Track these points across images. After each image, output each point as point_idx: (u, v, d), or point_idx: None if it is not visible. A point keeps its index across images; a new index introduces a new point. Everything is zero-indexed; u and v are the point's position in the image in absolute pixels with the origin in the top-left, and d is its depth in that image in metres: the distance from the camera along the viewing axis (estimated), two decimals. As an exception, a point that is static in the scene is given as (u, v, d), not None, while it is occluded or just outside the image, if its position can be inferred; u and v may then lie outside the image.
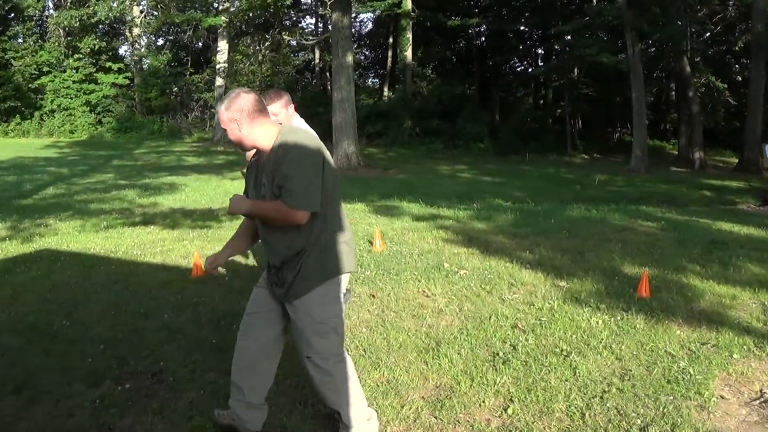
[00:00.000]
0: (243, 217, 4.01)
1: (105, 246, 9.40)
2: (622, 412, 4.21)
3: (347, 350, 4.38)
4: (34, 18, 45.27)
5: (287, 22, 48.17)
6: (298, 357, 3.81)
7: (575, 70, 40.53)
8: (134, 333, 5.77)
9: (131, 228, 10.98)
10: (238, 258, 8.29)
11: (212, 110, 40.48)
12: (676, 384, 4.58)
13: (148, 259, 8.59)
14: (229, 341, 5.31)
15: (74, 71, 42.15)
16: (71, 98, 41.67)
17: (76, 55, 42.14)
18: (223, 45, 39.41)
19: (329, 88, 40.12)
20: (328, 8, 30.03)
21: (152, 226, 11.14)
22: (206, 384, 4.73)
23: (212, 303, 6.55)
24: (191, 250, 8.85)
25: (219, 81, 39.06)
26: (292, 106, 5.20)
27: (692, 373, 4.73)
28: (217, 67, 39.48)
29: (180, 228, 10.96)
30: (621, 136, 46.17)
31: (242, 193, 3.86)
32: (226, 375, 4.19)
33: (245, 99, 3.59)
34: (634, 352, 5.12)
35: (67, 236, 10.28)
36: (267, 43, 45.51)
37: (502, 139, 37.52)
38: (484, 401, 4.41)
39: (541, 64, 47.77)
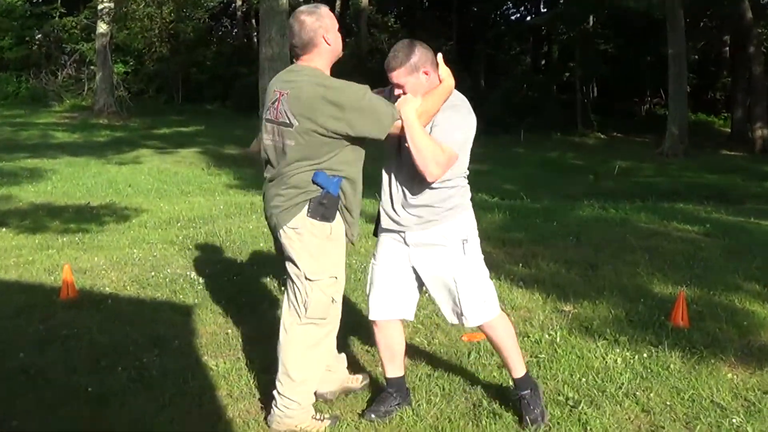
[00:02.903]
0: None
1: (-68, 256, 9.21)
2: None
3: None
4: None
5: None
6: None
7: (590, 18, 40.84)
8: (-27, 379, 5.59)
9: (-29, 231, 10.78)
10: (121, 274, 8.14)
11: (92, 67, 39.93)
12: (727, 448, 4.55)
13: (-2, 274, 8.40)
14: (112, 388, 5.19)
15: None
16: None
17: None
18: (107, -25, 38.59)
19: (255, 41, 39.94)
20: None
21: (3, 229, 10.95)
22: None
23: (89, 335, 6.38)
24: (60, 262, 8.69)
25: (102, 27, 38.20)
26: None
27: (750, 432, 4.73)
28: (99, 7, 38.37)
29: (44, 231, 10.80)
30: (651, 108, 46.83)
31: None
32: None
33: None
34: (668, 403, 5.09)
35: None
36: (169, -24, 45.17)
37: (488, 113, 37.54)
38: (461, 471, 4.35)
39: (543, 10, 48.15)
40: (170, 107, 43.55)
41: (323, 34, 4.43)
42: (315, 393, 4.88)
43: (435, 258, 4.72)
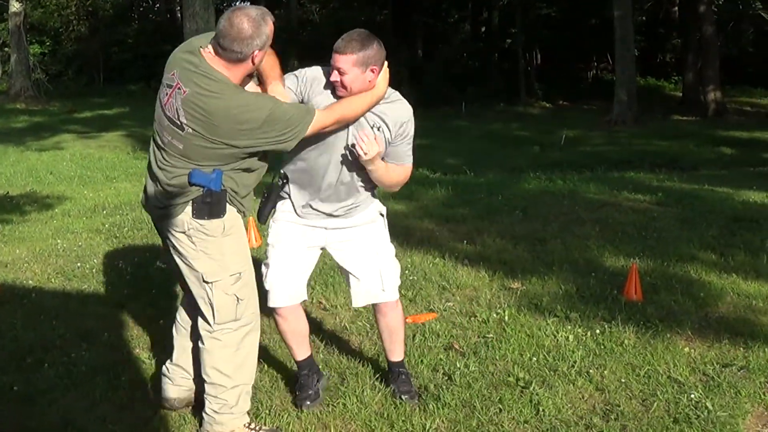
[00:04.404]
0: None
1: None
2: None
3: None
4: None
5: None
6: None
7: (531, -19, 41.00)
8: None
9: None
10: (45, 266, 8.04)
11: (5, 49, 39.33)
12: (687, 425, 4.59)
13: None
14: (39, 386, 5.12)
15: None
16: None
17: None
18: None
19: (179, 16, 39.56)
20: None
21: None
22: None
23: (13, 332, 6.29)
24: (-24, 255, 8.57)
25: (14, 6, 37.53)
26: None
27: (711, 408, 4.73)
28: (11, -16, 38.14)
29: (-42, 224, 10.60)
30: (598, 73, 47.18)
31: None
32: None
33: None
34: (623, 380, 5.13)
35: None
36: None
37: (427, 84, 37.74)
38: (407, 459, 4.35)
39: (481, -27, 48.21)
40: (91, 89, 43.00)
41: (256, 51, 4.11)
42: (163, 397, 4.87)
43: (359, 236, 4.87)
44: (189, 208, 4.28)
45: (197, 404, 4.71)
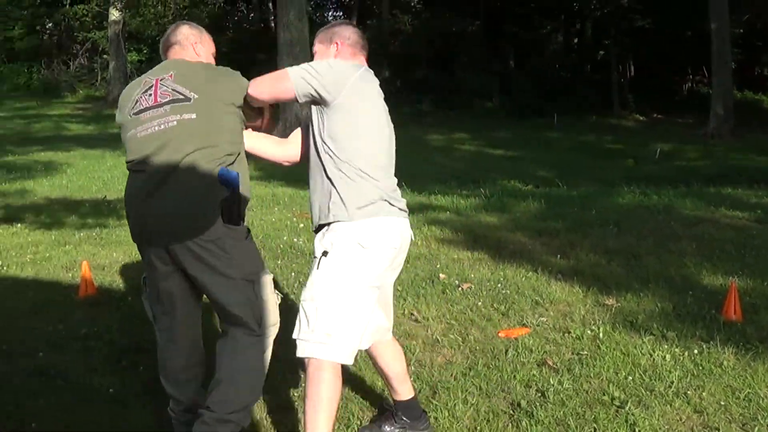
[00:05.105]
0: None
1: (-57, 253, 9.28)
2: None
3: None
4: None
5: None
6: None
7: (625, -9, 40.66)
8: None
9: (-13, 227, 10.86)
10: (141, 270, 8.13)
11: (105, 57, 40.05)
12: (790, 451, 4.48)
13: (13, 272, 8.48)
14: (135, 389, 5.18)
15: None
16: None
17: None
18: (119, -39, 38.61)
19: (272, 25, 39.99)
20: None
21: (19, 225, 11.06)
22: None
23: (109, 335, 6.41)
24: (78, 258, 8.74)
25: (114, 15, 38.52)
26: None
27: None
28: (111, -6, 38.87)
29: (61, 227, 10.89)
30: (694, 86, 46.54)
31: None
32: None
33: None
34: (722, 403, 5.01)
35: None
36: (184, -40, 45.25)
37: (518, 96, 37.67)
38: (499, 477, 4.31)
39: (575, -17, 47.94)
40: (186, 96, 43.23)
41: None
42: None
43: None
44: (219, 214, 4.07)
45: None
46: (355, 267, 3.98)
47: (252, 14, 51.34)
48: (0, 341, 6.30)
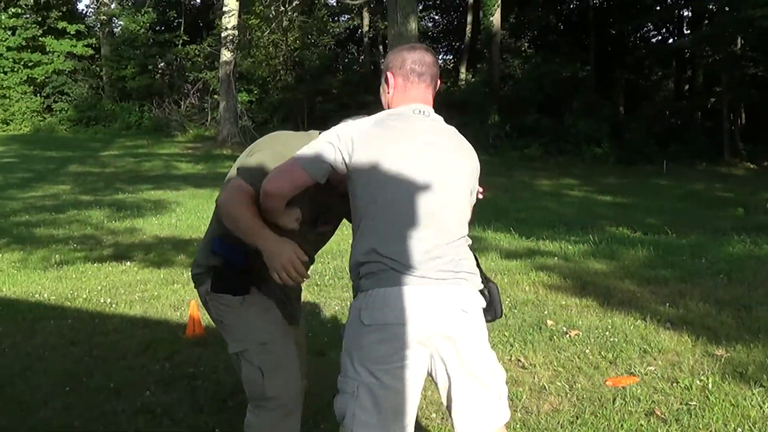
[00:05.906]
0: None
1: (57, 290, 9.48)
2: None
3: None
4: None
5: (325, -27, 48.53)
6: None
7: (738, 39, 40.09)
8: (99, 418, 5.71)
9: (97, 264, 11.09)
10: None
11: (215, 96, 40.73)
12: None
13: (122, 309, 8.61)
14: (240, 429, 5.29)
15: (9, 33, 42.25)
16: (4, 73, 41.91)
17: (12, 9, 42.12)
18: (231, 2, 39.23)
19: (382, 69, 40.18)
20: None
21: (128, 263, 11.25)
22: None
23: (215, 375, 6.53)
24: (186, 297, 8.87)
25: (226, 55, 39.03)
26: None
27: None
28: (223, 35, 39.42)
29: (170, 266, 11.06)
30: (807, 135, 45.54)
31: None
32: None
33: None
34: (832, 456, 4.96)
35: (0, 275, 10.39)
36: (296, 2, 45.80)
37: (628, 142, 37.28)
38: None
39: (687, 31, 47.43)
40: (293, 136, 43.56)
41: None
42: None
43: None
44: (208, 280, 4.02)
45: None
46: None
47: (362, 57, 51.74)
48: (108, 379, 6.45)
